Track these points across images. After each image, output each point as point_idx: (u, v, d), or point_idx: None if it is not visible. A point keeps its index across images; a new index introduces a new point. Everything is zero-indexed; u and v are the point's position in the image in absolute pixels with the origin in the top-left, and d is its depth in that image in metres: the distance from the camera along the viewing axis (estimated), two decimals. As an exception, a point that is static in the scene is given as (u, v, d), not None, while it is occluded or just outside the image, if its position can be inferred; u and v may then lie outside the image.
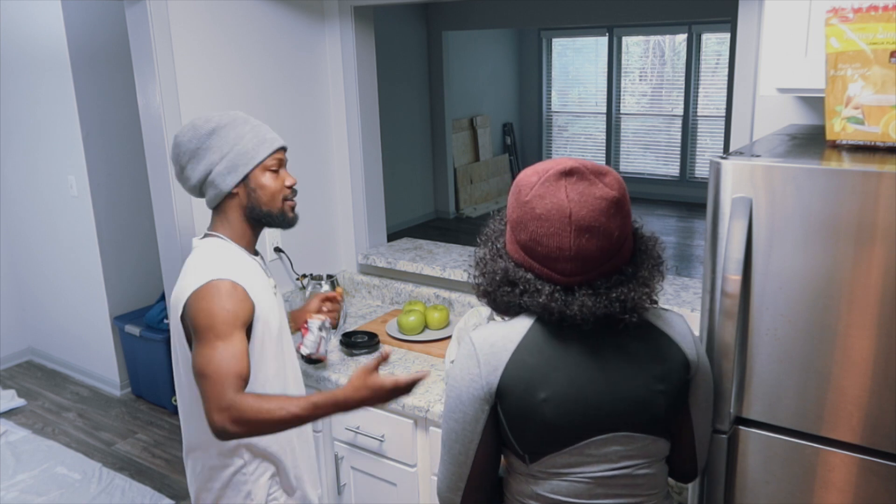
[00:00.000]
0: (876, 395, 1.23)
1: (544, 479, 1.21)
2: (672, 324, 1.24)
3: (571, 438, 1.17)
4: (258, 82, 2.54)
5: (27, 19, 3.90)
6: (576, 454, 1.18)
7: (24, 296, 4.60)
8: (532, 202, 1.14)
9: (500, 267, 1.19)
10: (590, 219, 1.11)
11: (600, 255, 1.13)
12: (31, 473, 3.34)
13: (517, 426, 1.18)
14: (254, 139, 1.64)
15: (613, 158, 9.53)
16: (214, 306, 1.52)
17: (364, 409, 1.48)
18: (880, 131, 1.28)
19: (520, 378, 1.16)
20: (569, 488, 1.20)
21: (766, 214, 1.25)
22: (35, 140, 4.11)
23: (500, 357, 1.17)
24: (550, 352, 1.17)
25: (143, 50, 2.23)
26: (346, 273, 2.94)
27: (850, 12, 1.30)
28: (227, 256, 1.64)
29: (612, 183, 1.14)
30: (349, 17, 2.70)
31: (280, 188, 1.67)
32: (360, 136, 2.81)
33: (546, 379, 1.16)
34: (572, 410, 1.16)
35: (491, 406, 1.18)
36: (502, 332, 1.19)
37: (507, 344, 1.17)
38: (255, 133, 1.65)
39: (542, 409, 1.15)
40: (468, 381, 1.18)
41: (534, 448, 1.19)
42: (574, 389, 1.16)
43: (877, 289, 1.19)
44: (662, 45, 9.01)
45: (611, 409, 1.17)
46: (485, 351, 1.17)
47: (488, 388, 1.17)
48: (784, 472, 1.35)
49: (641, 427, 1.20)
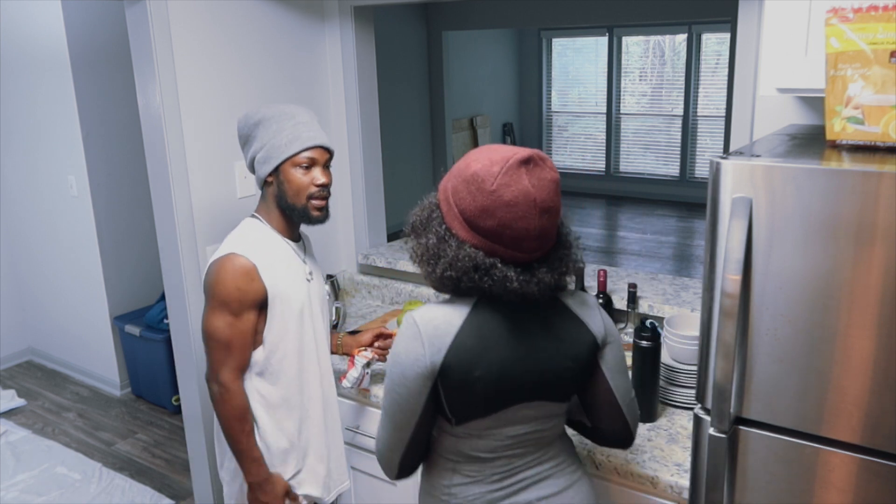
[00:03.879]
0: (876, 395, 1.23)
1: (466, 438, 1.37)
2: (583, 305, 1.40)
3: (495, 407, 1.33)
4: (258, 82, 2.54)
5: (27, 19, 3.90)
6: (495, 419, 1.34)
7: (24, 296, 4.60)
8: (500, 191, 1.23)
9: (465, 254, 1.27)
10: (549, 200, 1.26)
11: (553, 230, 1.31)
12: (31, 473, 3.34)
13: (452, 398, 1.31)
14: (290, 135, 1.72)
15: (613, 158, 9.53)
16: (228, 279, 1.69)
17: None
18: (880, 131, 1.28)
19: (460, 359, 1.28)
20: (486, 445, 1.37)
21: (766, 214, 1.25)
22: (35, 140, 4.11)
23: (443, 340, 1.28)
24: (487, 333, 1.30)
25: (143, 50, 2.23)
26: (346, 273, 2.94)
27: (850, 12, 1.30)
28: (256, 237, 1.77)
29: (553, 166, 1.31)
30: (349, 17, 2.70)
31: (306, 185, 1.74)
32: (360, 136, 2.81)
33: (481, 359, 1.29)
34: (499, 385, 1.31)
35: (433, 382, 1.30)
36: (445, 316, 1.30)
37: (449, 328, 1.29)
38: (294, 129, 1.73)
39: (475, 385, 1.29)
40: (412, 360, 1.29)
41: (462, 414, 1.34)
42: (503, 367, 1.30)
43: (877, 289, 1.19)
44: (662, 45, 9.01)
45: (530, 383, 1.33)
46: (429, 333, 1.29)
47: (432, 367, 1.28)
48: (784, 472, 1.35)
49: (551, 396, 1.37)
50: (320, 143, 1.75)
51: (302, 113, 1.77)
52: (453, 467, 1.40)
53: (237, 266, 1.69)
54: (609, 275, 2.46)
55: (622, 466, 1.70)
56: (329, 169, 1.81)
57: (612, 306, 2.23)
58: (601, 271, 2.21)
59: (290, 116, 1.74)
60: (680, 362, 1.96)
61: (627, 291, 2.17)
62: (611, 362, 1.42)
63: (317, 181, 1.75)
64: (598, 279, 2.20)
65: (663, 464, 1.70)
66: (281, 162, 1.73)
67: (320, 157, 1.76)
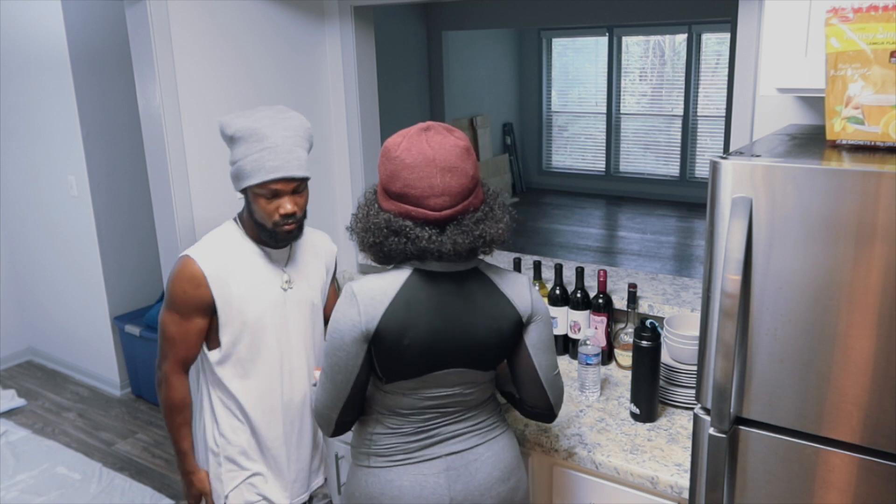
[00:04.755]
0: (876, 395, 1.23)
1: (392, 394, 1.50)
2: (511, 285, 1.51)
3: (420, 371, 1.45)
4: (258, 82, 2.54)
5: (27, 19, 3.90)
6: (420, 381, 1.47)
7: (24, 296, 4.60)
8: (402, 156, 1.39)
9: (382, 219, 1.42)
10: (450, 160, 1.38)
11: (462, 190, 1.40)
12: (31, 473, 3.34)
13: (382, 360, 1.44)
14: (254, 163, 1.64)
15: (613, 158, 9.53)
16: (176, 282, 1.73)
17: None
18: (880, 131, 1.28)
19: (391, 327, 1.40)
20: (409, 403, 1.50)
21: (766, 214, 1.25)
22: (35, 140, 4.11)
23: (377, 308, 1.40)
24: (416, 304, 1.42)
25: (143, 50, 2.23)
26: (347, 273, 2.94)
27: (850, 12, 1.30)
28: (222, 243, 1.78)
29: (461, 136, 1.44)
30: (349, 17, 2.70)
31: (271, 212, 1.70)
32: (360, 136, 2.81)
33: (410, 327, 1.41)
34: (426, 352, 1.43)
35: (367, 345, 1.42)
36: (380, 286, 1.42)
37: (383, 297, 1.41)
38: (259, 156, 1.64)
39: (404, 351, 1.42)
40: (350, 325, 1.41)
41: (390, 375, 1.46)
42: (431, 335, 1.42)
43: (877, 289, 1.19)
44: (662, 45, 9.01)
45: (454, 351, 1.45)
46: (365, 301, 1.41)
47: (366, 332, 1.41)
48: (784, 472, 1.35)
49: (474, 364, 1.49)
50: (283, 176, 1.65)
51: (275, 133, 1.66)
52: (377, 419, 1.54)
53: (187, 271, 1.72)
54: (609, 275, 2.46)
55: (622, 466, 1.70)
56: (302, 193, 1.73)
57: (612, 306, 2.23)
58: (601, 271, 2.21)
59: (259, 139, 1.64)
60: (680, 362, 1.96)
61: (627, 291, 2.17)
62: (535, 339, 1.52)
63: (281, 211, 1.69)
64: (598, 279, 2.20)
65: (663, 464, 1.70)
66: (245, 187, 1.69)
67: (285, 188, 1.67)
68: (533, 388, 1.54)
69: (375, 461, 1.53)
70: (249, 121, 1.66)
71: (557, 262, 2.43)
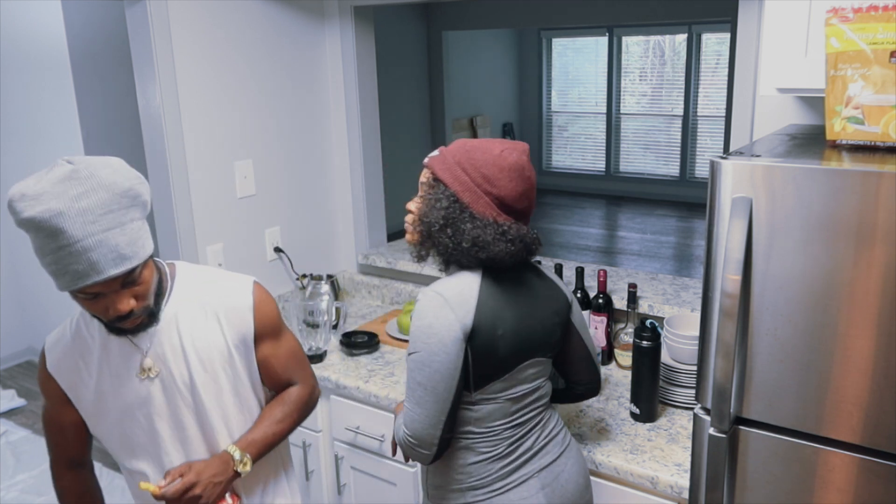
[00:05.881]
0: (876, 395, 1.23)
1: (481, 405, 1.45)
2: (549, 271, 1.60)
3: (510, 366, 1.44)
4: (258, 82, 2.54)
5: (27, 19, 3.89)
6: (508, 379, 1.45)
7: (24, 296, 4.60)
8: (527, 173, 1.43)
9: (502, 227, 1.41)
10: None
11: None
12: (31, 473, 3.34)
13: (478, 359, 1.41)
14: (54, 267, 1.22)
15: (613, 158, 9.53)
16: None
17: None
18: (880, 131, 1.28)
19: (486, 317, 1.40)
20: (498, 412, 1.46)
21: (766, 214, 1.25)
22: (35, 140, 4.11)
23: (469, 303, 1.40)
24: (499, 295, 1.43)
25: (143, 50, 2.23)
26: (346, 273, 2.94)
27: (850, 12, 1.30)
28: (70, 322, 1.47)
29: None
30: (349, 16, 2.70)
31: (100, 312, 1.31)
32: (360, 136, 2.81)
33: (500, 318, 1.42)
34: (515, 343, 1.43)
35: (465, 344, 1.39)
36: (461, 284, 1.42)
37: (471, 292, 1.41)
38: (56, 259, 1.21)
39: (498, 343, 1.41)
40: (447, 326, 1.37)
41: (482, 377, 1.43)
42: (517, 325, 1.44)
43: (877, 289, 1.19)
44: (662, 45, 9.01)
45: (534, 338, 1.47)
46: (454, 299, 1.39)
47: (464, 328, 1.38)
48: (784, 472, 1.35)
49: (544, 352, 1.51)
50: (95, 281, 1.22)
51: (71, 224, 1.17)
52: (467, 446, 1.47)
53: (40, 356, 1.47)
54: (609, 275, 2.46)
55: (622, 466, 1.70)
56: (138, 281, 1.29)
57: (612, 306, 2.23)
58: (601, 271, 2.21)
59: (51, 234, 1.18)
60: (680, 362, 1.96)
61: (627, 291, 2.17)
62: (578, 319, 1.61)
63: (111, 313, 1.28)
64: (598, 279, 2.20)
65: (663, 464, 1.70)
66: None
67: (107, 288, 1.25)
68: (585, 366, 1.63)
69: (473, 496, 1.48)
70: (35, 208, 1.17)
71: (557, 261, 2.43)
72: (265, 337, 1.51)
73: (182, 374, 1.43)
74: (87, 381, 1.43)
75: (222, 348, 1.45)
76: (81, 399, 1.45)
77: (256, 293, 1.49)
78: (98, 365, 1.42)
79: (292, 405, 1.57)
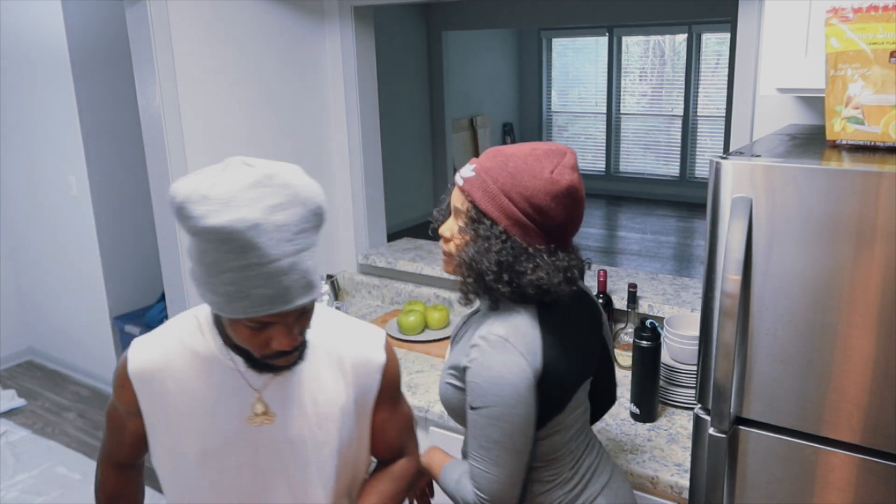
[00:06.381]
0: (876, 395, 1.23)
1: (545, 440, 1.34)
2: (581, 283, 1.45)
3: (570, 395, 1.34)
4: (258, 82, 2.54)
5: (27, 19, 3.89)
6: (569, 409, 1.35)
7: (24, 296, 4.60)
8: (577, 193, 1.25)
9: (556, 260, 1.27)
10: None
11: None
12: (31, 473, 3.34)
13: (546, 397, 1.28)
14: (230, 288, 1.02)
15: (613, 158, 9.53)
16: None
17: None
18: (880, 131, 1.28)
19: (552, 355, 1.28)
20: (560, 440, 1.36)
21: (766, 214, 1.25)
22: (35, 140, 4.11)
23: (535, 343, 1.27)
24: (558, 328, 1.31)
25: (143, 50, 2.24)
26: (346, 273, 2.94)
27: (850, 12, 1.30)
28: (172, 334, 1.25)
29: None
30: (349, 16, 2.70)
31: (257, 347, 1.12)
32: (360, 136, 2.81)
33: (564, 350, 1.30)
34: (577, 372, 1.35)
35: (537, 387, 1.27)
36: (521, 324, 1.28)
37: (533, 331, 1.28)
38: (238, 279, 1.01)
39: (564, 378, 1.31)
40: (520, 374, 1.24)
41: (548, 413, 1.31)
42: (577, 353, 1.35)
43: (877, 289, 1.19)
44: (662, 45, 9.01)
45: (590, 360, 1.42)
46: (520, 343, 1.25)
47: (535, 373, 1.26)
48: (784, 472, 1.35)
49: (590, 372, 1.43)
50: (281, 311, 1.05)
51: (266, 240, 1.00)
52: (531, 476, 1.36)
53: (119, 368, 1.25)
54: (609, 275, 2.46)
55: (622, 466, 1.70)
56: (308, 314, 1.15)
57: (612, 306, 2.23)
58: (601, 271, 2.21)
59: (241, 250, 0.99)
60: (680, 362, 1.96)
61: (627, 291, 2.17)
62: (608, 332, 1.53)
63: (275, 346, 1.11)
64: (598, 279, 2.19)
65: (663, 464, 1.69)
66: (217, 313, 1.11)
67: (282, 319, 1.08)
68: (611, 379, 1.56)
69: None
70: (224, 216, 0.97)
71: (557, 262, 2.43)
72: (385, 399, 1.34)
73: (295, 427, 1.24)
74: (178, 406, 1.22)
75: (343, 404, 1.28)
76: (156, 424, 1.25)
77: (388, 350, 1.34)
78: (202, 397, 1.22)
79: (404, 482, 1.40)
